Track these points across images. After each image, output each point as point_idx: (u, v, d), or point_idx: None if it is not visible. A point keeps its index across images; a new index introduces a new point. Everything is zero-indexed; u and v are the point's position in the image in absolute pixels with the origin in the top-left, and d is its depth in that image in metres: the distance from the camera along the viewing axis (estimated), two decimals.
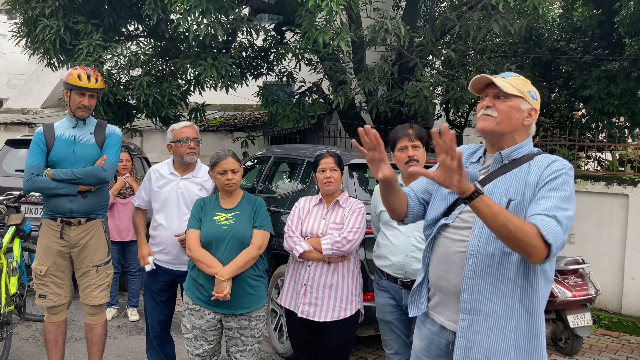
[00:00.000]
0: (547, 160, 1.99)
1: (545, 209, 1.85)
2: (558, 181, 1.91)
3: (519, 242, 1.80)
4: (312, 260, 3.30)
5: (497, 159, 2.07)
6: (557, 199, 1.87)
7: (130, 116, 7.43)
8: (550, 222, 1.82)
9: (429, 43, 6.73)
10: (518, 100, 2.04)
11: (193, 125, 3.67)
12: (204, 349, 3.08)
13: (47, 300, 3.57)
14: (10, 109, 14.93)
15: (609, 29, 8.42)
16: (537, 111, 2.08)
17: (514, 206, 1.93)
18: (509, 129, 2.05)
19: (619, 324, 6.11)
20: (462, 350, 2.01)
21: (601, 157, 10.15)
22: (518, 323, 1.97)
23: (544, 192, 1.90)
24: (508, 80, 2.07)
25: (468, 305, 2.00)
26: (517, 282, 1.95)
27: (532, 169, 1.98)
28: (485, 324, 1.98)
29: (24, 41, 7.48)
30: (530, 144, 2.09)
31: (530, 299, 1.97)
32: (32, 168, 3.42)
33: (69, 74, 3.49)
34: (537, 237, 1.79)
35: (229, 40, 7.43)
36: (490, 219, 1.81)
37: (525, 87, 2.08)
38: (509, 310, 1.96)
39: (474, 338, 2.00)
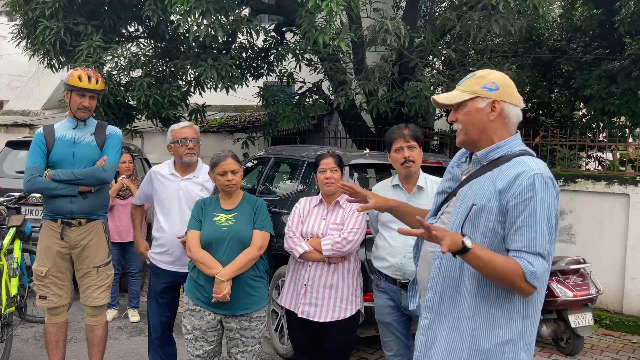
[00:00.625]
0: (515, 169, 1.91)
1: (526, 245, 1.86)
2: (531, 206, 1.86)
3: (507, 284, 1.89)
4: (312, 260, 3.30)
5: (475, 161, 2.06)
6: (535, 230, 1.86)
7: (131, 117, 7.43)
8: (534, 262, 1.85)
9: (429, 43, 6.73)
10: (473, 102, 2.01)
11: (192, 125, 3.67)
12: (204, 349, 3.08)
13: (47, 301, 3.57)
14: (11, 111, 14.94)
15: (610, 29, 8.42)
16: (500, 101, 1.99)
17: (475, 211, 1.93)
18: (477, 133, 2.02)
19: (620, 323, 6.10)
20: (422, 347, 2.05)
21: (602, 157, 10.15)
22: (479, 327, 1.94)
23: (520, 222, 1.87)
24: (460, 87, 2.06)
25: (430, 304, 2.04)
26: (479, 288, 1.95)
27: (500, 174, 1.93)
28: (445, 324, 2.00)
29: (24, 43, 7.48)
30: (512, 143, 2.01)
31: (495, 307, 1.94)
32: (32, 169, 3.42)
33: (70, 75, 3.49)
34: (522, 280, 1.85)
35: (229, 41, 7.43)
36: (481, 269, 1.87)
37: (478, 84, 2.02)
38: (468, 313, 1.95)
39: (433, 336, 2.03)
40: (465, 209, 1.98)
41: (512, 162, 1.95)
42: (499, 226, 1.92)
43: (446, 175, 2.20)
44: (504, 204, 1.90)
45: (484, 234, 1.93)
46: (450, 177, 2.17)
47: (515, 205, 1.87)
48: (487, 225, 1.93)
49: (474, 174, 2.03)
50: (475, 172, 2.04)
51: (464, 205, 2.00)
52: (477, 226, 1.94)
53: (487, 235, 1.93)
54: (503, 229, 1.92)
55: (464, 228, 1.96)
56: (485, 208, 1.92)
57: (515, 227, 1.88)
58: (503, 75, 2.06)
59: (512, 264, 1.86)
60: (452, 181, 2.16)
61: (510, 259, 1.88)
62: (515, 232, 1.88)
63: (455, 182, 2.13)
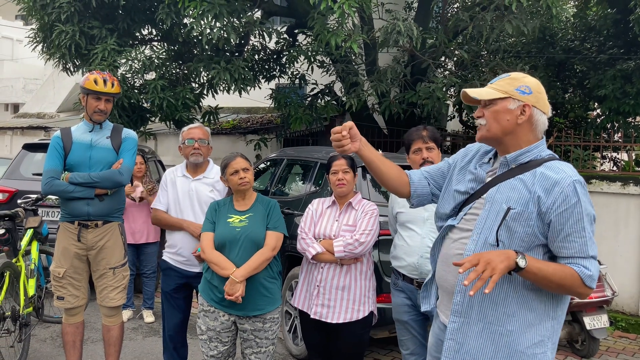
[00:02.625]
0: (552, 175, 1.91)
1: (579, 251, 1.90)
2: (577, 212, 1.88)
3: (566, 291, 1.95)
4: (324, 262, 3.31)
5: (503, 163, 2.04)
6: (584, 236, 1.89)
7: (145, 120, 7.50)
8: (589, 266, 1.89)
9: (441, 44, 6.72)
10: (504, 102, 2.00)
11: (202, 126, 3.72)
12: (218, 350, 3.10)
13: (65, 302, 3.62)
14: (27, 114, 15.14)
15: (624, 28, 8.34)
16: (531, 106, 1.99)
17: (513, 215, 1.92)
18: (500, 132, 2.01)
19: (636, 325, 6.03)
20: (451, 352, 2.03)
21: (617, 158, 10.04)
22: (515, 330, 1.95)
23: (568, 229, 1.88)
24: (493, 85, 2.05)
25: (459, 308, 2.02)
26: (509, 289, 1.95)
27: (536, 180, 1.93)
28: (476, 328, 1.99)
29: (40, 47, 7.58)
30: (540, 148, 2.02)
31: (528, 309, 1.96)
32: (50, 172, 3.47)
33: (86, 78, 3.52)
34: (581, 285, 1.90)
35: (241, 43, 7.47)
36: (536, 282, 1.90)
37: (513, 85, 2.01)
38: (501, 316, 1.96)
39: (462, 341, 2.01)
40: (498, 213, 1.95)
41: (544, 166, 1.95)
42: (538, 231, 1.92)
43: (467, 175, 2.14)
44: (544, 210, 1.89)
45: (521, 239, 1.93)
46: (472, 177, 2.12)
47: (561, 214, 1.88)
48: (525, 231, 1.92)
49: (502, 177, 2.01)
50: (504, 174, 2.02)
51: (494, 209, 1.97)
52: (514, 231, 1.93)
53: (524, 239, 1.93)
54: (543, 236, 1.93)
55: (499, 232, 1.94)
56: (524, 213, 1.91)
57: (564, 235, 1.89)
58: (537, 81, 2.05)
59: (568, 272, 1.89)
60: (474, 182, 2.10)
61: (565, 266, 1.90)
62: (565, 239, 1.90)
63: (479, 184, 2.08)
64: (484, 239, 1.96)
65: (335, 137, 2.13)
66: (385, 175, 2.22)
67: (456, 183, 2.16)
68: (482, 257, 1.82)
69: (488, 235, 1.95)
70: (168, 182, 3.72)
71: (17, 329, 4.03)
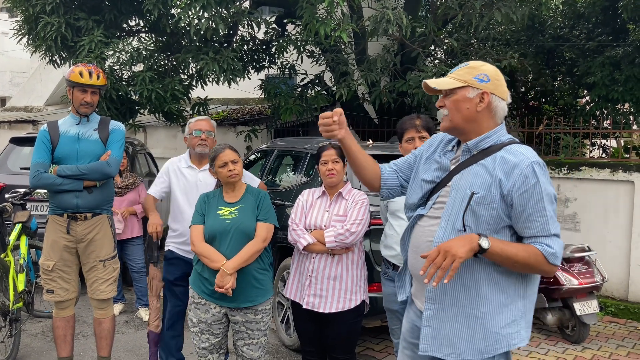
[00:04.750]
0: (511, 158, 1.97)
1: (542, 230, 1.96)
2: (537, 192, 1.94)
3: (529, 270, 2.01)
4: (316, 252, 3.31)
5: (465, 150, 2.10)
6: (545, 215, 1.95)
7: (133, 112, 7.43)
8: (551, 244, 1.96)
9: (431, 33, 6.70)
10: (464, 90, 2.05)
11: (209, 119, 3.82)
12: (210, 342, 3.10)
13: (55, 295, 3.61)
14: (14, 107, 14.97)
15: (613, 15, 8.35)
16: (489, 93, 2.04)
17: (477, 200, 1.98)
18: (462, 121, 2.06)
19: (625, 311, 6.10)
20: (428, 338, 2.09)
21: (606, 144, 10.10)
22: (488, 311, 2.01)
23: (530, 209, 1.94)
24: (452, 74, 2.10)
25: (433, 295, 2.08)
26: (479, 273, 2.01)
27: (497, 164, 1.99)
28: (450, 313, 2.05)
29: (26, 39, 7.47)
30: (500, 133, 2.07)
31: (500, 291, 2.02)
32: (38, 165, 3.47)
33: (71, 71, 3.52)
34: (545, 263, 1.96)
35: (230, 33, 7.41)
36: (502, 262, 1.97)
37: (471, 74, 2.06)
38: (474, 299, 2.02)
39: (439, 326, 2.07)
40: (463, 198, 2.01)
41: (504, 150, 2.01)
42: (502, 213, 1.97)
43: (432, 165, 2.20)
44: (505, 193, 1.95)
45: (487, 222, 1.98)
46: (438, 166, 2.18)
47: (522, 195, 1.94)
48: (490, 214, 1.97)
49: (465, 163, 2.07)
50: (466, 161, 2.08)
51: (459, 195, 2.03)
52: (479, 215, 1.98)
53: (490, 222, 1.98)
54: (508, 217, 1.98)
55: (465, 217, 1.99)
56: (487, 197, 1.97)
57: (526, 215, 1.95)
58: (495, 69, 2.10)
59: (532, 251, 1.95)
60: (440, 171, 2.16)
61: (529, 246, 1.96)
62: (527, 220, 1.96)
63: (444, 172, 2.15)
64: (452, 225, 2.02)
65: (325, 121, 2.16)
66: (364, 167, 2.30)
67: (423, 173, 2.22)
68: (441, 248, 1.90)
69: (455, 221, 2.01)
70: (170, 171, 3.76)
71: (7, 324, 4.02)
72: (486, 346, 2.02)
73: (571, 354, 4.92)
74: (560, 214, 6.69)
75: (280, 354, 4.57)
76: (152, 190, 3.80)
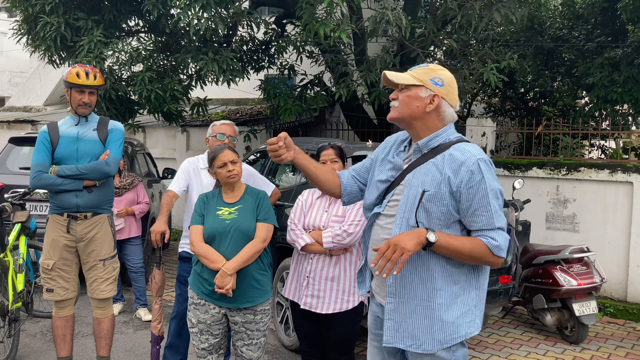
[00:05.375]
0: (458, 156, 2.08)
1: (487, 224, 2.07)
2: (482, 188, 2.05)
3: (477, 262, 2.12)
4: (314, 252, 3.31)
5: (416, 149, 2.21)
6: (489, 209, 2.06)
7: (133, 112, 7.43)
8: (496, 237, 2.07)
9: (430, 33, 6.70)
10: (418, 89, 2.16)
11: (233, 125, 3.80)
12: (209, 342, 3.10)
13: (54, 294, 3.62)
14: (13, 107, 14.96)
15: (612, 16, 8.36)
16: (440, 97, 2.15)
17: (428, 197, 2.08)
18: (408, 115, 2.17)
19: (624, 311, 6.11)
20: (391, 331, 2.19)
21: (605, 145, 10.11)
22: (444, 303, 2.12)
23: (476, 204, 2.05)
24: (411, 71, 2.20)
25: (393, 290, 2.18)
26: (434, 266, 2.11)
27: (445, 162, 2.09)
28: (410, 306, 2.16)
29: (25, 39, 7.47)
30: (448, 132, 2.18)
31: (454, 282, 2.13)
32: (38, 166, 3.50)
33: (68, 72, 3.56)
34: (490, 255, 2.08)
35: (229, 34, 7.41)
36: (450, 255, 2.08)
37: (428, 75, 2.16)
38: (430, 292, 2.12)
39: (400, 319, 2.18)
40: (416, 196, 2.11)
41: (452, 149, 2.12)
42: (452, 209, 2.08)
43: (387, 165, 2.30)
44: (454, 189, 2.06)
45: (438, 218, 2.09)
46: (391, 166, 2.28)
47: (468, 190, 2.05)
48: (441, 210, 2.09)
49: (417, 162, 2.18)
50: (417, 160, 2.19)
51: (412, 193, 2.13)
52: (431, 211, 2.09)
53: (441, 218, 2.10)
54: (457, 212, 2.09)
55: (417, 214, 2.10)
56: (438, 194, 2.08)
57: (472, 210, 2.07)
58: (451, 76, 2.22)
59: (477, 244, 2.07)
60: (394, 170, 2.26)
61: (475, 238, 2.08)
62: (473, 214, 2.07)
63: (397, 171, 2.25)
64: (406, 221, 2.12)
65: (271, 147, 2.27)
66: (321, 179, 2.41)
67: (378, 174, 2.32)
68: (391, 242, 2.01)
69: (409, 218, 2.12)
70: (190, 170, 3.72)
71: (6, 324, 4.02)
72: (444, 337, 2.12)
73: (570, 354, 4.93)
74: (559, 215, 6.69)
75: (279, 355, 4.57)
76: (175, 187, 3.67)
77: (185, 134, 10.04)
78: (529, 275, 5.33)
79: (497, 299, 4.70)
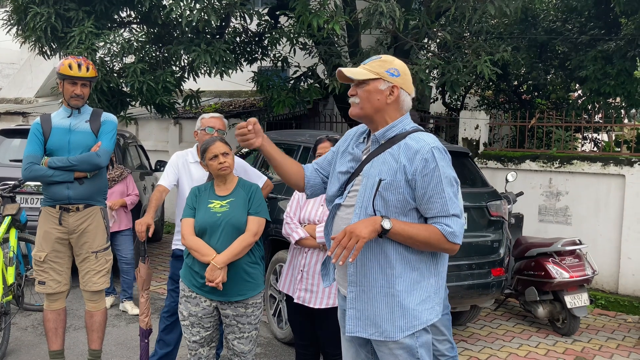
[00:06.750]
0: (413, 145, 2.12)
1: (441, 210, 2.11)
2: (436, 176, 2.08)
3: (433, 248, 2.15)
4: (308, 247, 3.31)
5: (374, 140, 2.24)
6: (444, 196, 2.09)
7: (125, 104, 7.37)
8: (450, 223, 2.10)
9: (424, 25, 6.68)
10: (376, 82, 2.18)
11: (222, 118, 3.77)
12: (200, 335, 3.09)
13: (46, 287, 3.60)
14: (4, 99, 14.83)
15: (605, 9, 8.37)
16: (399, 87, 2.18)
17: (384, 185, 2.12)
18: (372, 111, 2.19)
19: (615, 303, 6.15)
20: (353, 320, 2.21)
21: (597, 138, 10.16)
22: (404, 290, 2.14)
23: (430, 191, 2.09)
24: (365, 65, 2.21)
25: (354, 278, 2.20)
26: (393, 254, 2.14)
27: (401, 151, 2.13)
28: (370, 294, 2.17)
29: (15, 29, 7.39)
30: (404, 122, 2.22)
31: (413, 269, 2.16)
32: (30, 157, 3.50)
33: (61, 64, 3.54)
34: (445, 242, 2.11)
35: (222, 25, 7.35)
36: (406, 241, 2.11)
37: (383, 67, 2.19)
38: (390, 279, 2.14)
39: (361, 307, 2.19)
40: (373, 185, 2.14)
41: (408, 138, 2.16)
42: (408, 197, 2.12)
43: (347, 157, 2.32)
44: (410, 177, 2.10)
45: (395, 206, 2.13)
46: (351, 157, 2.30)
47: (423, 178, 2.09)
48: (397, 198, 2.12)
49: (374, 153, 2.21)
50: (375, 150, 2.22)
51: (369, 183, 2.16)
52: (387, 199, 2.13)
53: (397, 206, 2.13)
54: (413, 200, 2.13)
55: (375, 202, 2.13)
56: (394, 182, 2.11)
57: (427, 197, 2.10)
58: (404, 64, 2.26)
59: (432, 230, 2.11)
60: (353, 161, 2.29)
61: (430, 225, 2.13)
62: (428, 201, 2.11)
63: (356, 162, 2.28)
64: (365, 211, 2.15)
65: (240, 131, 2.25)
66: (288, 171, 2.39)
67: (339, 166, 2.34)
68: (347, 230, 2.04)
69: (367, 207, 2.14)
70: (179, 164, 3.70)
71: None
72: (405, 323, 2.15)
73: (561, 346, 4.96)
74: (551, 208, 6.72)
75: (272, 347, 4.57)
76: (164, 181, 3.64)
77: (177, 126, 9.99)
78: (522, 267, 5.35)
79: (489, 291, 4.72)
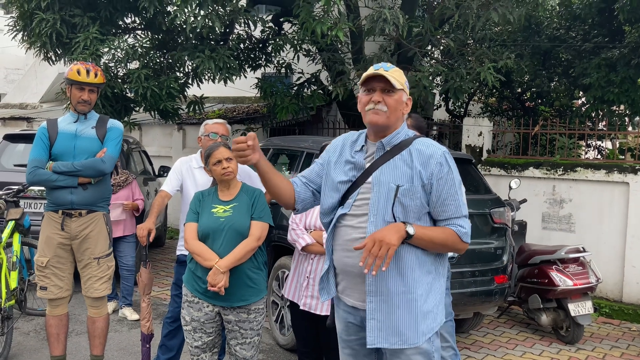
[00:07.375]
0: (426, 149, 2.16)
1: (455, 212, 2.17)
2: (450, 179, 2.15)
3: (449, 249, 2.22)
4: (314, 253, 3.30)
5: (379, 147, 2.23)
6: (457, 198, 2.16)
7: (129, 109, 7.40)
8: (463, 224, 2.18)
9: (427, 32, 6.69)
10: (401, 93, 2.20)
11: (226, 123, 3.78)
12: (203, 340, 3.08)
13: (48, 292, 3.60)
14: (9, 104, 14.90)
15: (609, 17, 8.37)
16: (411, 100, 2.26)
17: (402, 192, 2.13)
18: (395, 120, 2.21)
19: (619, 311, 6.11)
20: (375, 330, 2.18)
21: (601, 146, 10.14)
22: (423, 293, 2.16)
23: (445, 194, 2.15)
24: (391, 73, 2.19)
25: (373, 288, 2.17)
26: (411, 258, 2.15)
27: (414, 156, 2.16)
28: (392, 301, 2.16)
29: (20, 35, 7.43)
30: (405, 128, 2.26)
31: (427, 273, 2.19)
32: (35, 161, 3.50)
33: (70, 69, 3.56)
34: (459, 242, 2.18)
35: (226, 32, 7.39)
36: (425, 245, 2.15)
37: (402, 78, 2.22)
38: (410, 284, 2.15)
39: (383, 317, 2.17)
40: (388, 192, 2.14)
41: (416, 144, 2.19)
42: (424, 201, 2.15)
43: (345, 166, 2.28)
44: (425, 182, 2.14)
45: (413, 211, 2.15)
46: (352, 166, 2.26)
47: (438, 182, 2.13)
48: (415, 203, 2.14)
49: (382, 160, 2.20)
50: (382, 157, 2.21)
51: (382, 190, 2.15)
52: (406, 205, 2.14)
53: (414, 211, 2.15)
54: (427, 204, 2.17)
55: (394, 209, 2.13)
56: (411, 188, 2.13)
57: (442, 200, 2.15)
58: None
59: (448, 232, 2.16)
60: (355, 170, 2.25)
61: (445, 227, 2.17)
62: (442, 204, 2.16)
63: (359, 170, 2.24)
64: (382, 218, 2.14)
65: (239, 146, 2.16)
66: (280, 187, 2.32)
67: (336, 176, 2.28)
68: (375, 238, 2.03)
69: (384, 214, 2.14)
70: (183, 170, 3.71)
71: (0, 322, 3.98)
72: (427, 326, 2.17)
73: (565, 354, 4.93)
74: (555, 215, 6.69)
75: (274, 354, 4.55)
76: (167, 187, 3.66)
77: (181, 132, 10.01)
78: (525, 275, 5.33)
79: (492, 299, 4.70)
